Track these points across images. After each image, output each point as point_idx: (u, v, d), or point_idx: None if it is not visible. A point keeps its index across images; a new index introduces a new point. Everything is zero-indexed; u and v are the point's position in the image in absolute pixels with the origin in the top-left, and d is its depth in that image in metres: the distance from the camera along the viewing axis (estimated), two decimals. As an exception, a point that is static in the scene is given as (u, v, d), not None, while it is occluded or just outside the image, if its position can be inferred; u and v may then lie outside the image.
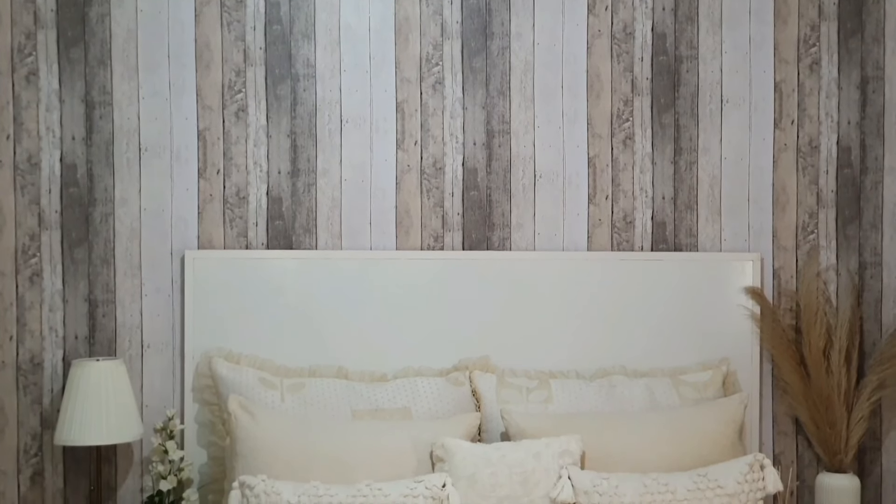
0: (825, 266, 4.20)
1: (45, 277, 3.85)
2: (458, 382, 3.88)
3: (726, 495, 3.48)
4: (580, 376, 3.98)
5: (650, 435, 3.69)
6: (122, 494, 3.88)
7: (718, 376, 4.00)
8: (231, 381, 3.75)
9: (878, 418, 4.17)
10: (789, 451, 4.18)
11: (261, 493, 3.34)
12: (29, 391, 3.84)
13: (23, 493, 3.83)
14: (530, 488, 3.44)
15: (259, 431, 3.55)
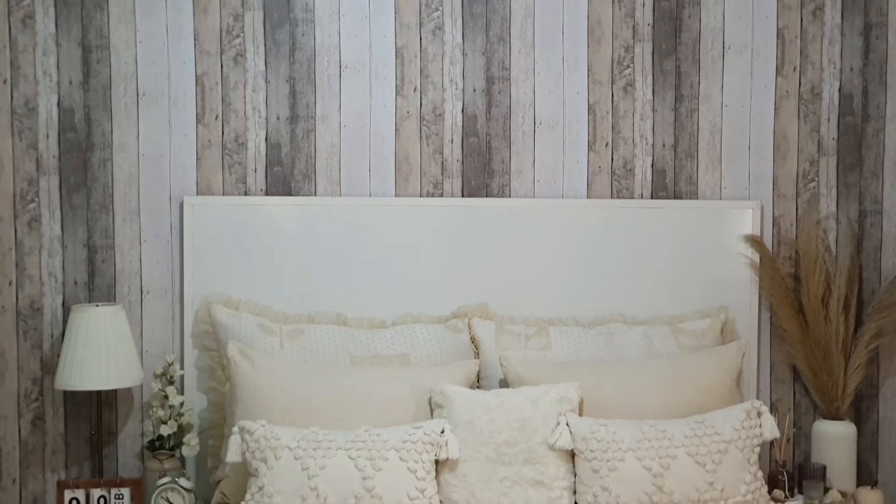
0: (825, 214, 4.19)
1: (43, 223, 3.84)
2: (457, 329, 3.89)
3: (723, 442, 3.51)
4: (579, 324, 3.99)
5: (648, 382, 3.70)
6: (122, 439, 3.91)
7: (717, 324, 4.01)
8: (230, 327, 3.75)
9: (876, 366, 4.19)
10: (786, 399, 4.20)
11: (260, 437, 3.36)
12: (29, 336, 3.85)
13: (23, 437, 3.86)
14: (528, 435, 3.46)
15: (258, 377, 3.57)
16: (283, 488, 3.29)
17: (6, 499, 3.85)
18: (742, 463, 3.51)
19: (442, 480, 3.41)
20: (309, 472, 3.28)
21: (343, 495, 3.28)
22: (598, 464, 3.44)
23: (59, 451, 3.87)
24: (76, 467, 3.88)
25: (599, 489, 3.42)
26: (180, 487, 3.61)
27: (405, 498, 3.29)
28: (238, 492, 3.49)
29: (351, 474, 3.29)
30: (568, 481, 3.48)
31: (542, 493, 3.43)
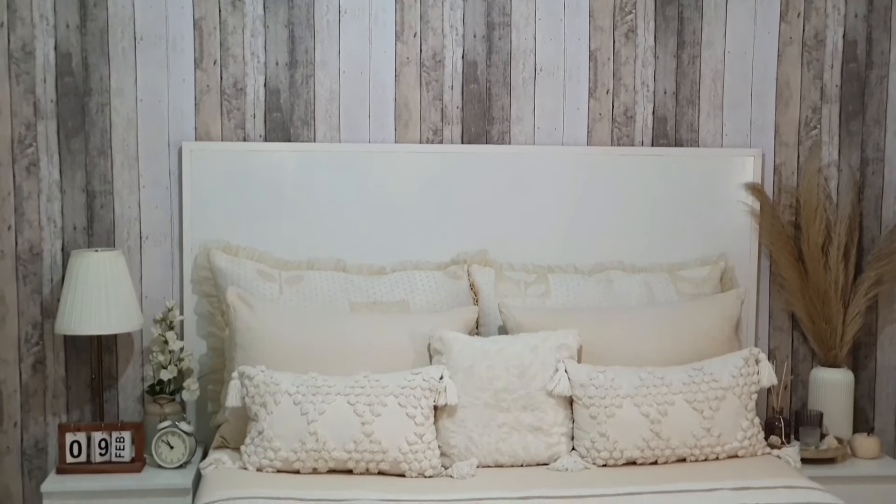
0: (826, 162, 4.17)
1: (42, 167, 3.83)
2: (456, 276, 3.89)
3: (721, 389, 3.52)
4: (578, 271, 3.99)
5: (647, 330, 3.71)
6: (123, 383, 3.92)
7: (716, 272, 4.01)
8: (229, 273, 3.76)
9: (874, 314, 4.19)
10: (784, 346, 4.21)
11: (260, 383, 3.38)
12: (28, 281, 3.85)
13: (24, 381, 3.88)
14: (527, 381, 3.48)
15: (257, 323, 3.57)
16: (282, 433, 3.31)
17: (8, 441, 3.88)
18: (739, 410, 3.53)
19: (440, 426, 3.43)
20: (308, 417, 3.30)
21: (342, 440, 3.30)
22: (596, 410, 3.46)
23: (59, 394, 3.89)
24: (77, 411, 3.90)
25: (597, 435, 3.44)
26: (181, 431, 3.63)
27: (404, 443, 3.31)
28: (238, 436, 3.51)
29: (350, 419, 3.31)
30: (566, 427, 3.50)
31: (540, 439, 3.45)
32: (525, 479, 3.30)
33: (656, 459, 3.48)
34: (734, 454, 3.53)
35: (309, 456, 3.30)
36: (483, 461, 3.42)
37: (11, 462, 3.89)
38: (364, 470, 3.33)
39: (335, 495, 3.11)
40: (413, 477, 3.33)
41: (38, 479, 3.86)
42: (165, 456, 3.63)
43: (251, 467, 3.34)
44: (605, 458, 3.44)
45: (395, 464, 3.32)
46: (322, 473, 3.33)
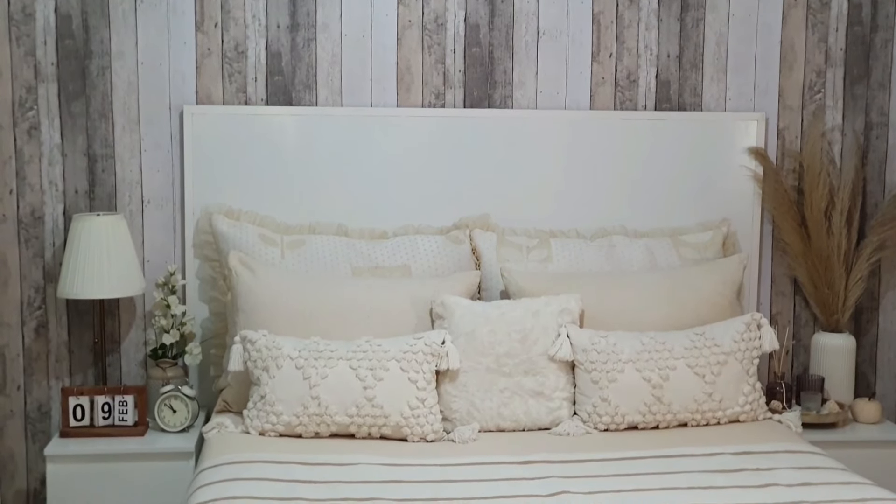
0: (830, 126, 4.15)
1: (43, 131, 3.82)
2: (458, 240, 3.88)
3: (722, 353, 3.53)
4: (580, 236, 3.98)
5: (649, 294, 3.71)
6: (125, 347, 3.93)
7: (719, 237, 4.01)
8: (231, 237, 3.75)
9: (877, 279, 4.19)
10: (786, 311, 4.21)
11: (262, 347, 3.38)
12: (31, 245, 3.85)
13: (27, 344, 3.88)
14: (529, 346, 3.48)
15: (259, 287, 3.57)
16: (284, 397, 3.32)
17: (11, 405, 3.89)
18: (741, 374, 3.54)
19: (442, 391, 3.44)
20: (310, 382, 3.31)
21: (344, 404, 3.31)
22: (597, 375, 3.46)
23: (62, 358, 3.90)
24: (80, 375, 3.91)
25: (599, 400, 3.45)
26: (183, 395, 3.64)
27: (406, 407, 3.32)
28: (240, 400, 3.53)
29: (352, 384, 3.31)
30: (568, 392, 3.50)
31: (541, 404, 3.46)
32: (526, 444, 3.31)
33: (658, 424, 3.49)
34: (735, 419, 3.54)
35: (311, 420, 3.31)
36: (485, 426, 3.43)
37: (15, 425, 3.91)
38: (366, 434, 3.34)
39: (337, 459, 3.12)
40: (415, 441, 3.34)
41: (42, 442, 3.88)
42: (168, 420, 3.64)
43: (254, 431, 3.35)
44: (607, 422, 3.45)
45: (396, 428, 3.33)
46: (324, 438, 3.34)
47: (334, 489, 2.87)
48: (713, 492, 2.88)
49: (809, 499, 2.81)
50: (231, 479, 2.92)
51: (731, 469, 3.08)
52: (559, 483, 2.92)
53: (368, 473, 3.02)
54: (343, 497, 2.81)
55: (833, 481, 2.97)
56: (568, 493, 2.83)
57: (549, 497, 2.82)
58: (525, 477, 3.00)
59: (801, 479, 2.97)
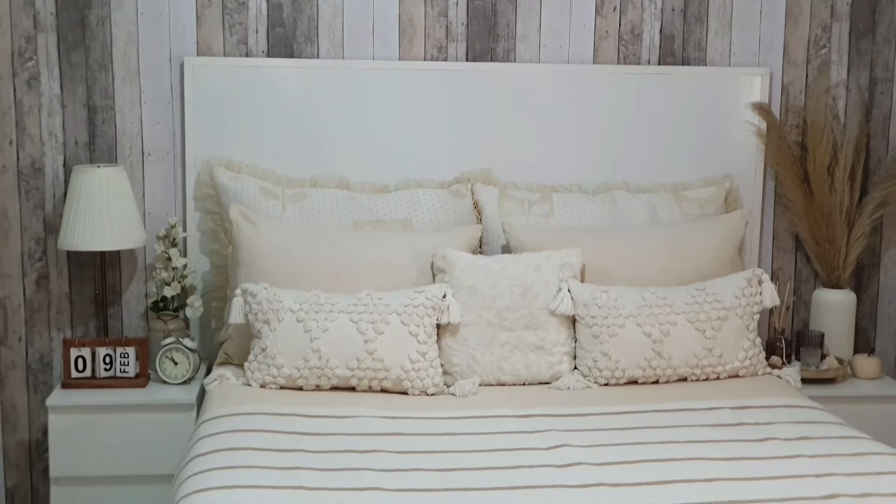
0: (835, 82, 4.13)
1: (42, 81, 3.79)
2: (460, 195, 3.87)
3: (723, 309, 3.53)
4: (582, 190, 3.97)
5: (650, 250, 3.71)
6: (126, 299, 3.93)
7: (721, 192, 4.00)
8: (232, 190, 3.74)
9: (879, 235, 4.19)
10: (788, 267, 4.21)
11: (263, 300, 3.38)
12: (31, 196, 3.84)
13: (28, 296, 3.89)
14: (530, 300, 3.48)
15: (260, 240, 3.57)
16: (285, 350, 3.33)
17: (13, 356, 3.90)
18: (741, 330, 3.54)
19: (443, 344, 3.44)
20: (311, 335, 3.32)
21: (345, 357, 3.31)
22: (598, 329, 3.47)
23: (63, 310, 3.90)
24: (81, 326, 3.92)
25: (599, 354, 3.46)
26: (184, 348, 3.65)
27: (406, 361, 3.33)
28: (241, 353, 3.53)
29: (352, 337, 3.32)
30: (568, 346, 3.51)
31: (542, 358, 3.47)
32: (527, 398, 3.32)
33: (657, 379, 3.50)
34: (735, 374, 3.55)
35: (312, 373, 3.32)
36: (485, 380, 3.44)
37: (17, 376, 3.92)
38: (366, 387, 3.35)
39: (338, 412, 3.13)
40: (415, 395, 3.36)
41: (44, 393, 3.89)
42: (169, 372, 3.65)
43: (254, 384, 3.36)
44: (607, 377, 3.46)
45: (397, 381, 3.34)
46: (325, 390, 3.36)
47: (335, 441, 2.88)
48: (712, 446, 2.89)
49: (807, 453, 2.82)
50: (232, 431, 2.93)
51: (730, 423, 3.09)
52: (559, 436, 2.94)
53: (369, 426, 3.03)
54: (343, 449, 2.82)
55: (831, 436, 2.98)
56: (567, 447, 2.85)
57: (549, 450, 2.83)
58: (525, 430, 3.01)
59: (799, 434, 2.98)
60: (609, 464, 2.73)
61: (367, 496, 2.49)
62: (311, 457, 2.74)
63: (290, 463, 2.69)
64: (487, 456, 2.79)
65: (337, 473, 2.63)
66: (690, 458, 2.77)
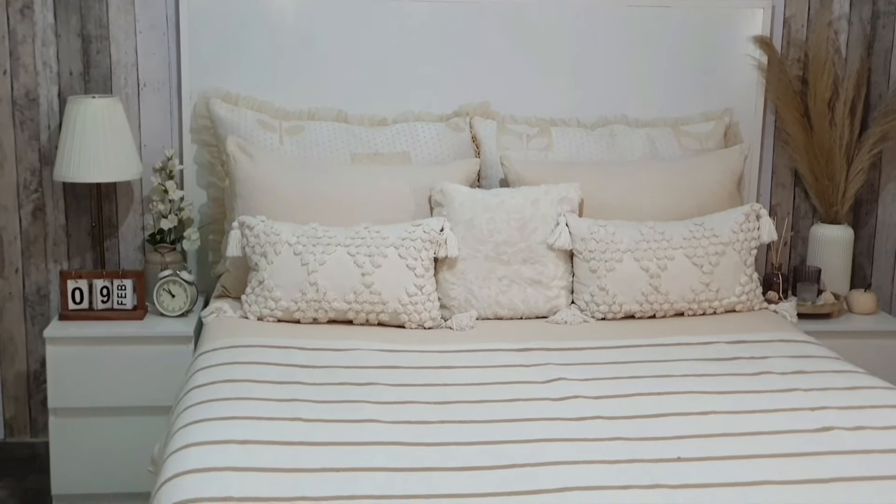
0: (837, 15, 4.08)
1: (35, 10, 3.75)
2: (458, 128, 3.85)
3: (721, 244, 3.53)
4: (581, 125, 3.95)
5: (649, 184, 3.70)
6: (123, 232, 3.92)
7: (721, 127, 3.97)
8: (229, 122, 3.71)
9: (878, 171, 4.17)
10: (786, 203, 4.20)
11: (260, 233, 3.38)
12: (26, 127, 3.82)
13: (24, 227, 3.88)
14: (527, 234, 3.47)
15: (258, 173, 3.55)
16: (282, 283, 3.33)
17: (10, 287, 3.90)
18: (738, 265, 3.54)
19: (440, 278, 3.44)
20: (308, 268, 3.31)
21: (342, 291, 3.31)
22: (596, 264, 3.47)
23: (60, 242, 3.90)
24: (78, 258, 3.91)
25: (597, 289, 3.46)
26: (182, 280, 3.65)
27: (404, 295, 3.33)
28: (239, 286, 3.53)
29: (350, 270, 3.32)
30: (566, 281, 3.51)
31: (539, 292, 3.47)
32: (524, 332, 3.33)
33: (654, 314, 3.50)
34: (732, 309, 3.56)
35: (309, 306, 3.32)
36: (482, 313, 3.45)
37: (14, 308, 3.92)
38: (364, 321, 3.36)
39: (335, 345, 3.14)
40: (412, 328, 3.36)
41: (41, 324, 3.90)
42: (167, 304, 3.65)
43: (252, 317, 3.36)
44: (604, 311, 3.47)
45: (394, 315, 3.34)
46: (322, 324, 3.36)
47: (332, 374, 2.89)
48: (708, 379, 2.90)
49: (802, 386, 2.83)
50: (230, 363, 2.94)
51: (726, 357, 3.10)
52: (556, 370, 2.95)
53: (366, 359, 3.04)
54: (341, 381, 2.83)
55: (826, 370, 2.99)
56: (564, 380, 2.86)
57: (546, 384, 2.84)
58: (522, 364, 3.02)
59: (794, 368, 2.99)
60: (605, 397, 2.75)
61: (364, 428, 2.50)
62: (308, 389, 2.75)
63: (288, 395, 2.70)
64: (484, 389, 2.80)
65: (334, 406, 2.64)
66: (686, 392, 2.78)
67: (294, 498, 2.13)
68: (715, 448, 2.43)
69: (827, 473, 2.30)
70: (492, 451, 2.39)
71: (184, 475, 2.23)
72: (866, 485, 2.26)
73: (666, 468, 2.31)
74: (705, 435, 2.51)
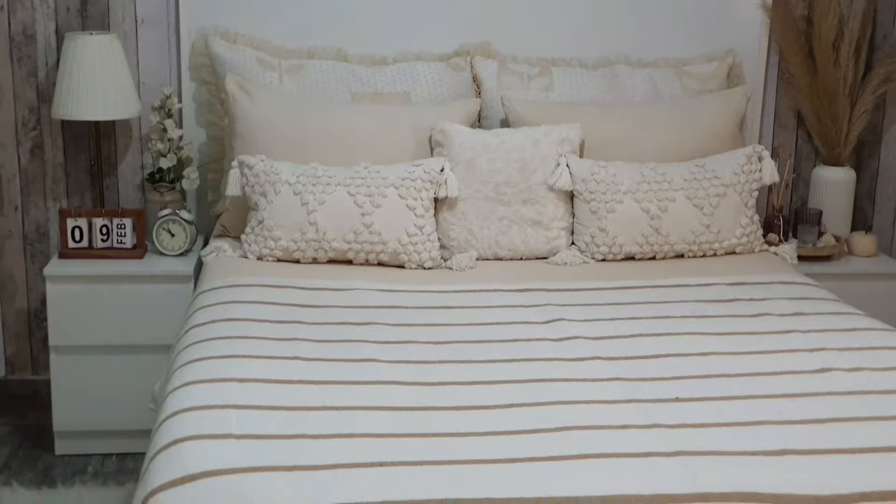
0: (844, -47, 4.04)
1: (32, -54, 3.71)
2: (459, 68, 3.82)
3: (722, 185, 3.51)
4: (583, 65, 3.92)
5: (650, 125, 3.68)
6: (122, 170, 3.91)
7: (723, 68, 3.94)
8: (228, 60, 3.68)
9: (881, 112, 4.14)
10: (788, 144, 4.18)
11: (259, 172, 3.36)
12: (23, 63, 3.79)
13: (23, 165, 3.86)
14: (528, 175, 3.46)
15: (257, 112, 3.53)
16: (282, 222, 3.32)
17: (10, 225, 3.89)
18: (739, 207, 3.53)
19: (440, 218, 3.44)
20: (308, 208, 3.30)
21: (342, 230, 3.31)
22: (596, 205, 3.46)
23: (59, 180, 3.88)
24: (77, 197, 3.90)
25: (597, 230, 3.46)
26: (181, 219, 3.64)
27: (403, 235, 3.32)
28: (238, 225, 3.53)
29: (350, 210, 3.31)
30: (566, 222, 3.50)
31: (539, 233, 3.46)
32: (523, 272, 3.33)
33: (654, 255, 3.50)
34: (732, 251, 3.56)
35: (309, 246, 3.32)
36: (482, 254, 3.45)
37: (14, 246, 3.92)
38: (363, 261, 3.35)
39: (334, 284, 3.14)
40: (412, 268, 3.36)
41: (41, 262, 3.90)
42: (166, 243, 3.65)
43: (252, 256, 3.36)
44: (604, 252, 3.46)
45: (394, 255, 3.34)
46: (322, 263, 3.36)
47: (332, 313, 2.90)
48: (707, 321, 2.91)
49: (801, 328, 2.84)
50: (229, 302, 2.94)
51: (726, 299, 3.10)
52: (555, 311, 2.95)
53: (365, 299, 3.04)
54: (340, 321, 2.83)
55: (825, 311, 2.99)
56: (564, 321, 2.86)
57: (545, 324, 2.84)
58: (521, 304, 3.03)
59: (793, 310, 2.99)
60: (605, 338, 2.75)
61: (363, 367, 2.51)
62: (307, 328, 2.76)
63: (287, 334, 2.71)
64: (484, 329, 2.81)
65: (333, 345, 2.65)
66: (685, 333, 2.79)
67: (293, 436, 2.14)
68: (713, 389, 2.44)
69: (825, 414, 2.31)
70: (491, 391, 2.40)
71: (184, 412, 2.24)
72: (864, 425, 2.27)
73: (664, 408, 2.32)
74: (704, 376, 2.52)
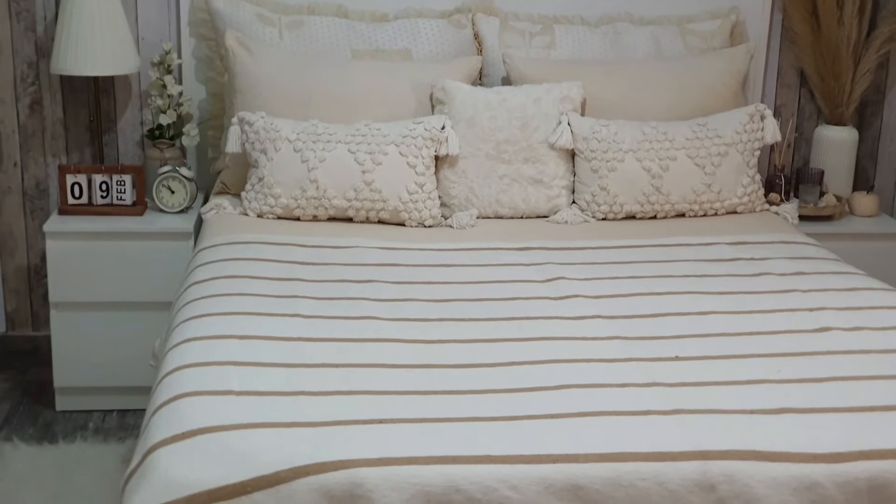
0: None
1: None
2: (460, 25, 3.79)
3: (724, 144, 3.50)
4: (585, 22, 3.89)
5: (653, 83, 3.65)
6: (122, 126, 3.89)
7: (727, 25, 3.91)
8: (228, 15, 3.66)
9: (885, 71, 4.12)
10: (791, 104, 4.16)
11: (260, 129, 3.35)
12: (22, 18, 3.76)
13: (22, 121, 3.84)
14: (529, 133, 3.45)
15: (257, 68, 3.51)
16: (282, 179, 3.31)
17: (9, 181, 3.88)
18: (741, 166, 3.52)
19: (441, 176, 3.43)
20: (308, 165, 3.29)
21: (342, 188, 3.30)
22: (597, 164, 3.45)
23: (58, 136, 3.87)
24: (77, 153, 3.89)
25: (598, 189, 3.45)
26: (181, 176, 3.63)
27: (404, 192, 3.32)
28: (238, 182, 3.52)
29: (350, 167, 3.30)
30: (567, 180, 3.50)
31: (540, 192, 3.46)
32: (524, 231, 3.33)
33: (655, 214, 3.50)
34: (733, 210, 3.55)
35: (309, 203, 3.31)
36: (483, 212, 3.44)
37: (13, 202, 3.91)
38: (364, 218, 3.35)
39: (335, 242, 3.14)
40: (412, 226, 3.36)
41: (41, 219, 3.89)
42: (166, 200, 3.64)
43: (252, 213, 3.36)
44: (605, 211, 3.46)
45: (394, 213, 3.33)
46: (322, 221, 3.35)
47: (332, 271, 2.89)
48: (707, 280, 2.90)
49: (801, 287, 2.84)
50: (229, 259, 2.94)
51: (726, 258, 3.10)
52: (555, 269, 2.95)
53: (366, 256, 3.03)
54: (340, 279, 2.83)
55: (825, 271, 2.99)
56: (564, 280, 2.86)
57: (545, 283, 2.84)
58: (522, 263, 3.02)
59: (794, 269, 2.99)
60: (605, 296, 2.75)
61: (363, 325, 2.51)
62: (307, 286, 2.76)
63: (287, 291, 2.70)
64: (484, 287, 2.81)
65: (333, 302, 2.64)
66: (686, 292, 2.79)
67: (293, 392, 2.15)
68: (713, 348, 2.44)
69: (824, 373, 2.31)
70: (490, 349, 2.40)
71: (184, 369, 2.24)
72: (863, 384, 2.27)
73: (664, 367, 2.33)
74: (704, 335, 2.52)
